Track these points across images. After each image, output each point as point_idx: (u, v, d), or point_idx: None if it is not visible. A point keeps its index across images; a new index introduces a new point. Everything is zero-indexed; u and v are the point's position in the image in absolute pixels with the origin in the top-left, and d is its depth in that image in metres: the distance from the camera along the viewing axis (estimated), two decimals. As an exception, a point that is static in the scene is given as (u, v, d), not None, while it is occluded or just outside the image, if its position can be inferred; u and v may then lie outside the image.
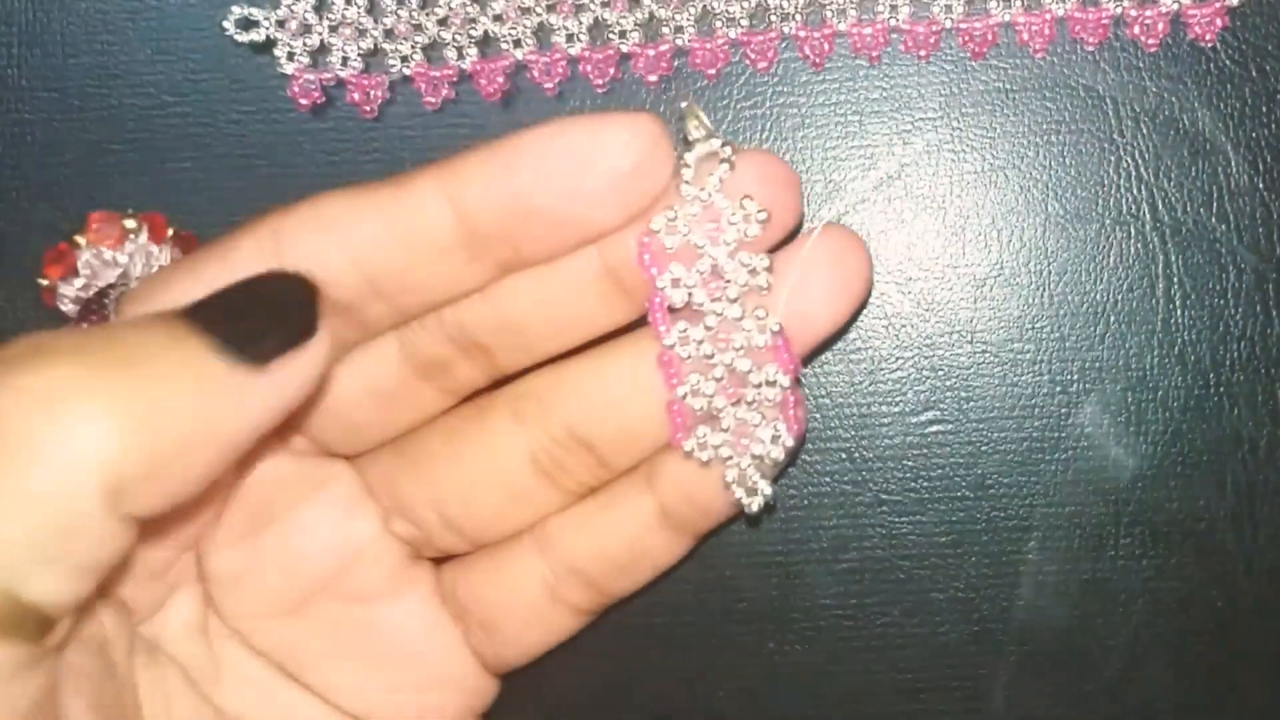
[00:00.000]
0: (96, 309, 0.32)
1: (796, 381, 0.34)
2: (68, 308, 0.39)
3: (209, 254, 0.32)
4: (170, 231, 0.39)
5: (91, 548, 0.26)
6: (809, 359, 0.37)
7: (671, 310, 0.33)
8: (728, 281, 0.33)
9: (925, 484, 0.40)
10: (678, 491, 0.35)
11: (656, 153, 0.31)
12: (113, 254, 0.38)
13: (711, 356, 0.33)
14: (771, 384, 0.33)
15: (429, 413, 0.35)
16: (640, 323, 0.34)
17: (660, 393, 0.34)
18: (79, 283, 0.39)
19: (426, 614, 0.36)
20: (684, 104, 0.34)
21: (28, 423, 0.25)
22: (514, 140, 0.31)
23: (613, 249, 0.33)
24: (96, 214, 0.39)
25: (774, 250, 0.33)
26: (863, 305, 0.35)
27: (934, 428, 0.40)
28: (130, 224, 0.38)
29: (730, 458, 0.34)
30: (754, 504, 0.34)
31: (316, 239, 0.31)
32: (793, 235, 0.33)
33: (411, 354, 0.34)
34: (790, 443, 0.34)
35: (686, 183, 0.32)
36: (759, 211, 0.32)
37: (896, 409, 0.40)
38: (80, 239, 0.39)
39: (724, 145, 0.32)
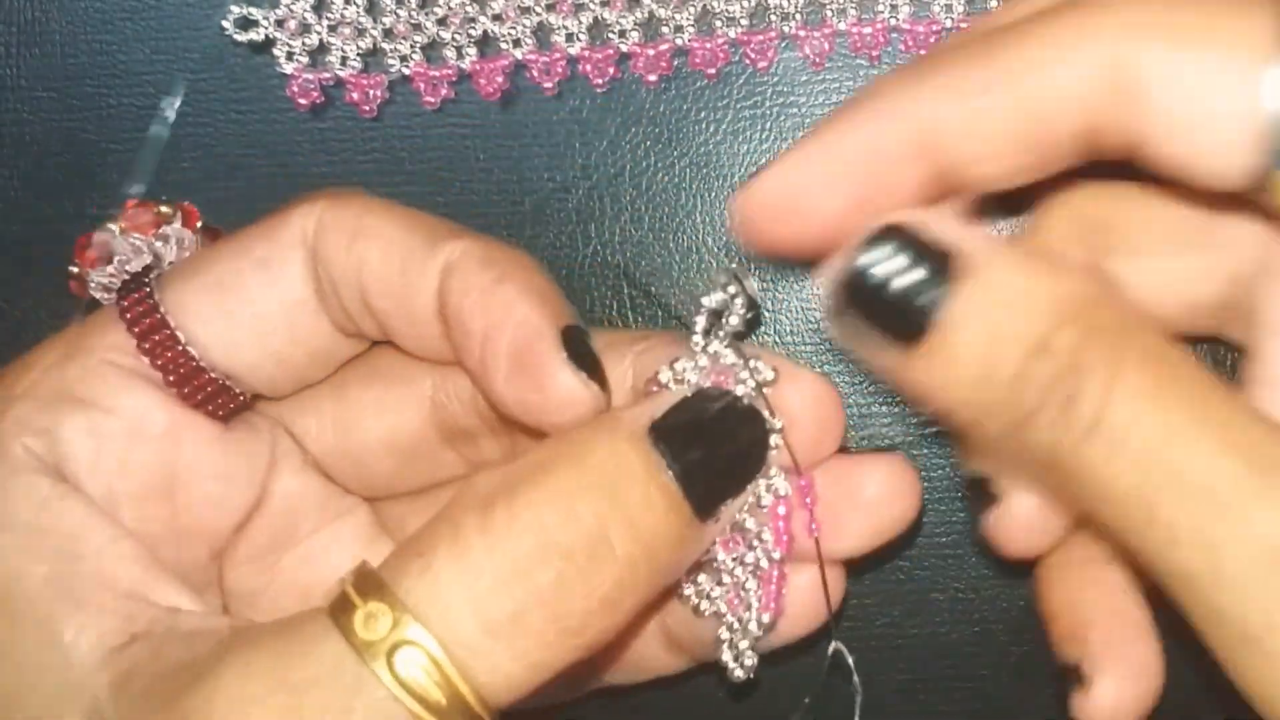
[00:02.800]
0: (138, 287, 0.32)
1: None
2: (99, 294, 0.38)
3: (256, 233, 0.33)
4: (199, 223, 0.39)
5: None
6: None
7: None
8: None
9: (925, 484, 0.40)
10: (680, 619, 0.33)
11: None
12: (146, 241, 0.38)
13: None
14: (765, 550, 0.31)
15: (445, 476, 0.35)
16: None
17: None
18: (110, 269, 0.38)
19: None
20: (734, 265, 0.33)
21: None
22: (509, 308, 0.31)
23: (642, 368, 0.32)
24: (132, 200, 0.38)
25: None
26: (910, 536, 0.34)
27: (934, 428, 0.40)
28: (166, 210, 0.38)
29: (725, 616, 0.32)
30: (736, 672, 0.32)
31: (343, 249, 0.32)
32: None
33: (441, 418, 0.34)
34: (765, 620, 0.32)
35: (695, 333, 0.31)
36: (769, 370, 0.31)
37: (897, 409, 0.40)
38: (114, 225, 0.38)
39: (735, 296, 0.31)
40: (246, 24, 0.38)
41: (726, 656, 0.32)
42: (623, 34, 0.38)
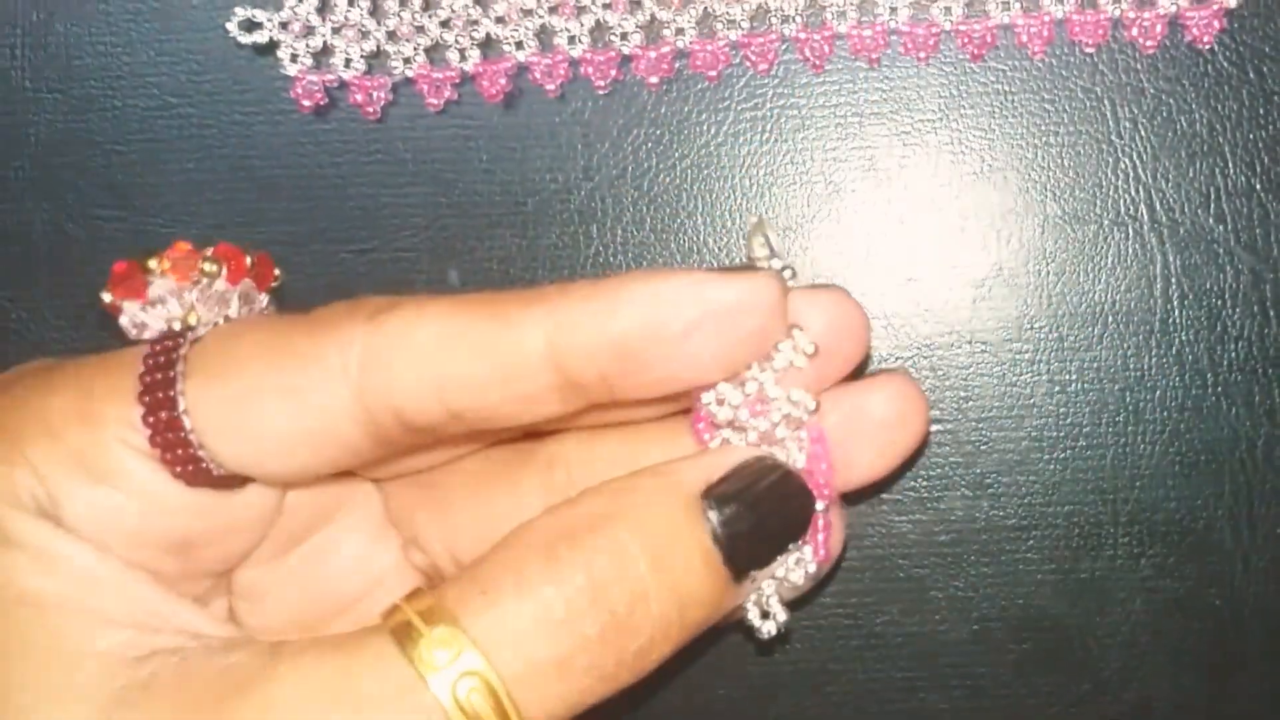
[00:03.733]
0: (163, 368, 0.30)
1: (840, 506, 0.33)
2: (128, 329, 0.36)
3: (291, 353, 0.30)
4: (249, 260, 0.35)
5: None
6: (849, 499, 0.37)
7: (715, 424, 0.32)
8: (769, 408, 0.31)
9: (925, 484, 0.40)
10: None
11: (772, 321, 0.30)
12: (186, 292, 0.34)
13: None
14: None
15: (459, 453, 0.35)
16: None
17: None
18: (138, 306, 0.36)
19: None
20: (754, 220, 0.33)
21: None
22: (622, 299, 0.29)
23: None
24: (183, 244, 0.35)
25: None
26: (915, 459, 0.35)
27: (934, 428, 0.40)
28: (210, 267, 0.35)
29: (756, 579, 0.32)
30: (766, 629, 0.32)
31: (408, 376, 0.29)
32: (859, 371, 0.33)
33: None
34: (813, 569, 0.32)
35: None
36: (808, 344, 0.31)
37: (896, 409, 0.40)
38: (154, 264, 0.35)
39: (785, 268, 0.31)
40: (250, 26, 0.38)
41: (753, 615, 0.33)
42: (624, 36, 0.38)
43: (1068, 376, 0.39)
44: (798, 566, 0.32)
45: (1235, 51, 0.38)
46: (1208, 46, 0.38)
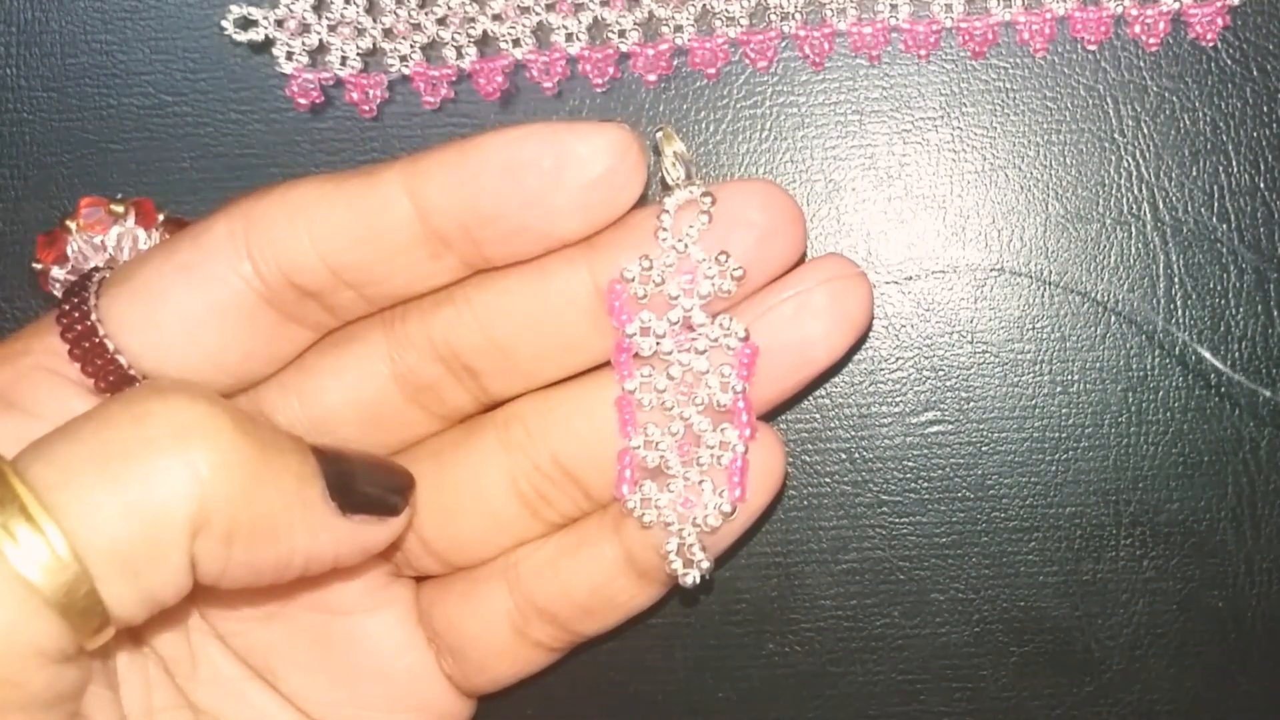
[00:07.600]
0: (78, 292, 0.32)
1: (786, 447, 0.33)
2: (58, 292, 0.39)
3: (184, 237, 0.33)
4: (160, 216, 0.39)
5: (162, 577, 0.28)
6: (807, 391, 0.37)
7: (638, 356, 0.33)
8: (696, 335, 0.32)
9: (925, 484, 0.40)
10: (643, 539, 0.34)
11: (624, 166, 0.31)
12: (101, 238, 0.38)
13: (671, 409, 0.33)
14: (726, 446, 0.33)
15: (416, 435, 0.35)
16: None
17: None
18: (69, 267, 0.39)
19: (401, 633, 0.36)
20: (659, 133, 0.34)
21: (156, 442, 0.28)
22: (479, 143, 0.31)
23: (605, 270, 0.33)
24: (86, 199, 0.39)
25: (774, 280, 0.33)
26: (863, 338, 0.35)
27: (934, 428, 0.40)
28: (118, 209, 0.39)
29: (672, 524, 0.33)
30: (689, 577, 0.33)
31: (284, 228, 0.32)
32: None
33: (401, 375, 0.34)
34: (727, 509, 0.33)
35: (664, 229, 0.32)
36: (735, 268, 0.32)
37: (896, 409, 0.40)
38: (71, 224, 0.39)
39: (704, 195, 0.32)
40: (246, 24, 0.38)
41: (677, 564, 0.33)
42: (622, 34, 0.38)
43: (1069, 377, 0.39)
44: (714, 510, 0.32)
45: (1239, 49, 0.38)
46: (1211, 44, 0.38)
